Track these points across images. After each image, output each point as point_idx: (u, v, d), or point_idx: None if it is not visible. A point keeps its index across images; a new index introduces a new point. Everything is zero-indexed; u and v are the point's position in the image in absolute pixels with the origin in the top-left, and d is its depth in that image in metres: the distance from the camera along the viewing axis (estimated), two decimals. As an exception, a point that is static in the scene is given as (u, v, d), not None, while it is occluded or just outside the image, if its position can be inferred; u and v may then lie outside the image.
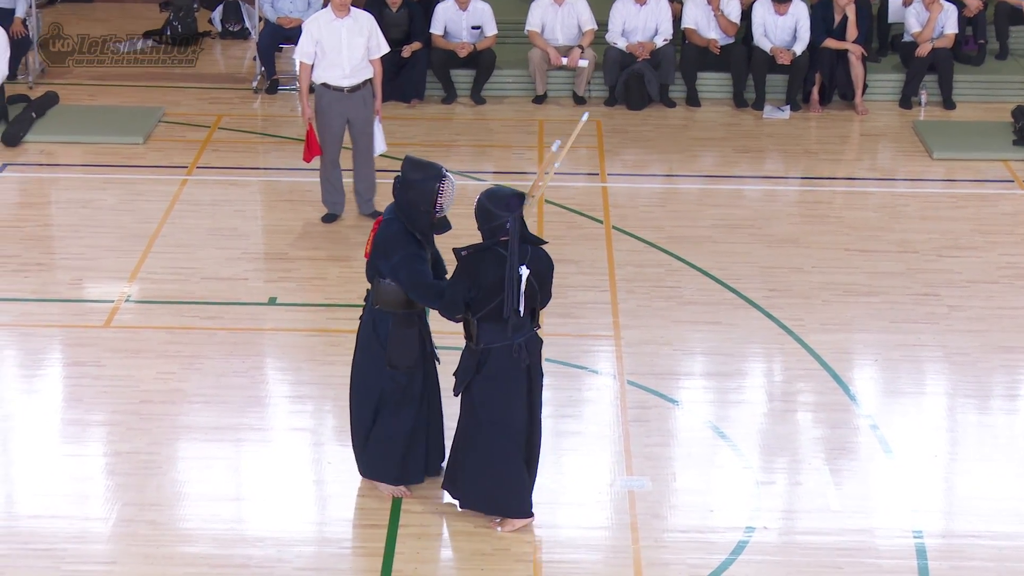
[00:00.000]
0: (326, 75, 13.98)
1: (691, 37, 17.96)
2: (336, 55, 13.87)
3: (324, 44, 13.87)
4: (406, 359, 9.94)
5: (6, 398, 11.62)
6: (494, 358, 9.54)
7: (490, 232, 9.38)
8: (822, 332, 12.57)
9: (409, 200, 9.73)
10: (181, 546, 9.75)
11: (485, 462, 9.76)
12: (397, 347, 9.92)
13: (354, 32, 13.88)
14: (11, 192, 15.30)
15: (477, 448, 9.75)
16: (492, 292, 9.35)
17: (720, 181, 15.82)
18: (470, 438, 9.76)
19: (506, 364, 9.56)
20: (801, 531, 10.05)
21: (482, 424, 9.68)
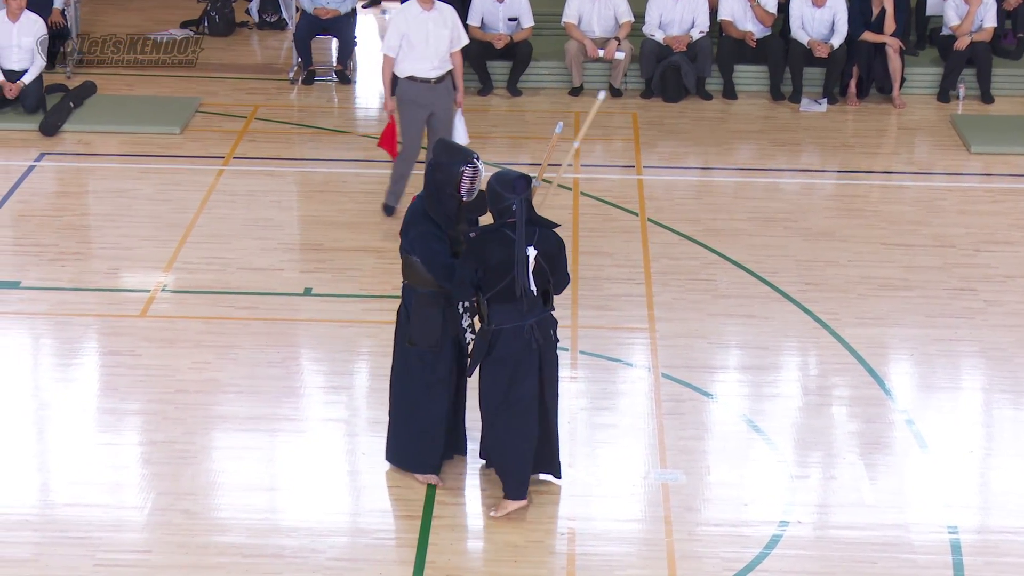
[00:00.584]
0: (413, 68, 13.85)
1: (728, 29, 17.92)
2: (423, 47, 13.76)
3: (411, 37, 13.75)
4: (427, 338, 10.00)
5: (42, 387, 11.67)
6: (504, 338, 9.63)
7: (499, 214, 9.52)
8: (858, 326, 12.54)
9: (436, 181, 9.85)
10: (215, 535, 9.78)
11: (497, 441, 9.93)
12: (418, 325, 10.01)
13: (439, 24, 13.81)
14: (49, 181, 15.35)
15: (497, 431, 9.90)
16: (499, 273, 9.45)
17: (756, 174, 15.79)
18: (489, 420, 9.91)
19: (517, 345, 9.65)
20: (835, 526, 10.03)
21: (494, 404, 9.79)
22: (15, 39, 16.76)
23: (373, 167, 15.69)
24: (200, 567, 9.48)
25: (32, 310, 12.65)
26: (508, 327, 9.61)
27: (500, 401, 9.79)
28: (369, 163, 15.80)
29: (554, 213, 14.40)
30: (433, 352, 10.02)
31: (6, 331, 12.39)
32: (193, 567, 9.46)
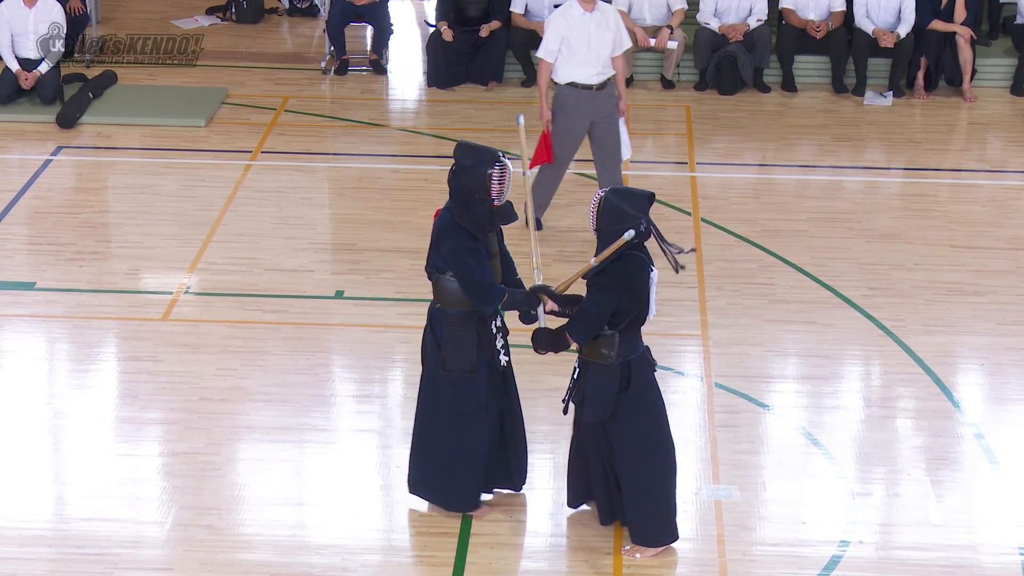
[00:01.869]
0: (573, 73, 13.63)
1: (788, 17, 17.90)
2: (585, 52, 13.55)
3: (571, 40, 13.54)
4: (462, 362, 9.86)
5: (58, 394, 11.74)
6: (636, 370, 9.45)
7: (615, 233, 9.22)
8: (924, 334, 12.53)
9: (463, 188, 9.76)
10: (240, 552, 9.82)
11: (648, 489, 9.64)
12: (451, 349, 9.86)
13: (601, 27, 13.57)
14: (66, 176, 15.43)
15: (636, 471, 9.58)
16: (639, 298, 9.30)
17: (817, 172, 15.77)
18: (628, 463, 9.58)
19: (647, 373, 9.54)
20: (899, 546, 10.02)
21: (641, 448, 9.55)
22: (31, 26, 16.86)
23: (409, 163, 15.73)
24: (224, 586, 9.55)
25: (48, 312, 12.73)
26: (635, 357, 9.47)
27: (650, 441, 9.56)
28: (405, 158, 15.84)
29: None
30: (468, 377, 9.90)
31: (21, 334, 12.47)
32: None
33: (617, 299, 9.24)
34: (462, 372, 9.87)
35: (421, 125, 16.85)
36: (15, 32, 16.83)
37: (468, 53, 17.89)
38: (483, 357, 9.91)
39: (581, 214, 14.52)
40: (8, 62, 16.79)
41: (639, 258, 9.33)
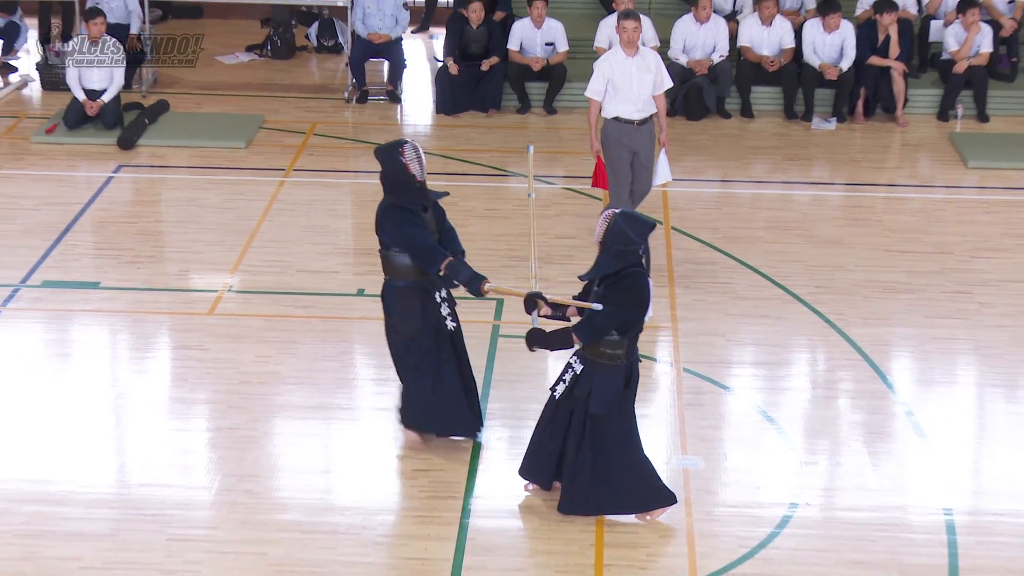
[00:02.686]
0: (617, 109, 13.37)
1: (746, 54, 17.94)
2: (627, 91, 13.30)
3: (615, 81, 13.31)
4: (409, 327, 10.18)
5: (119, 378, 11.76)
6: (634, 370, 9.53)
7: (617, 254, 9.17)
8: (863, 326, 12.56)
9: (390, 177, 10.02)
10: (276, 513, 9.86)
11: (632, 465, 9.70)
12: (400, 315, 10.18)
13: (643, 69, 13.32)
14: (125, 191, 15.46)
15: (624, 454, 9.65)
16: (645, 310, 9.36)
17: (771, 186, 15.79)
18: (618, 448, 9.61)
19: (637, 373, 9.60)
20: (840, 507, 10.07)
21: (631, 435, 9.65)
22: (96, 60, 16.85)
23: (420, 179, 15.73)
24: (262, 542, 9.56)
25: (110, 308, 12.75)
26: (635, 358, 9.52)
27: (632, 431, 9.66)
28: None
29: (584, 221, 14.49)
30: (416, 339, 10.17)
31: (87, 327, 12.50)
32: (256, 542, 9.54)
33: (626, 313, 9.22)
34: (409, 336, 10.16)
35: (431, 146, 16.86)
36: (81, 68, 16.83)
37: (471, 84, 17.91)
38: (428, 322, 10.15)
39: (567, 223, 14.56)
40: (76, 93, 16.81)
41: (641, 275, 9.28)
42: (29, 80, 18.76)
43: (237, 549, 9.48)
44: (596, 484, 9.65)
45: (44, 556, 9.38)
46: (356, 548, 9.51)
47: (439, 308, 10.23)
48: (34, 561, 9.33)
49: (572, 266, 13.51)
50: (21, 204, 14.93)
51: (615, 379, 9.41)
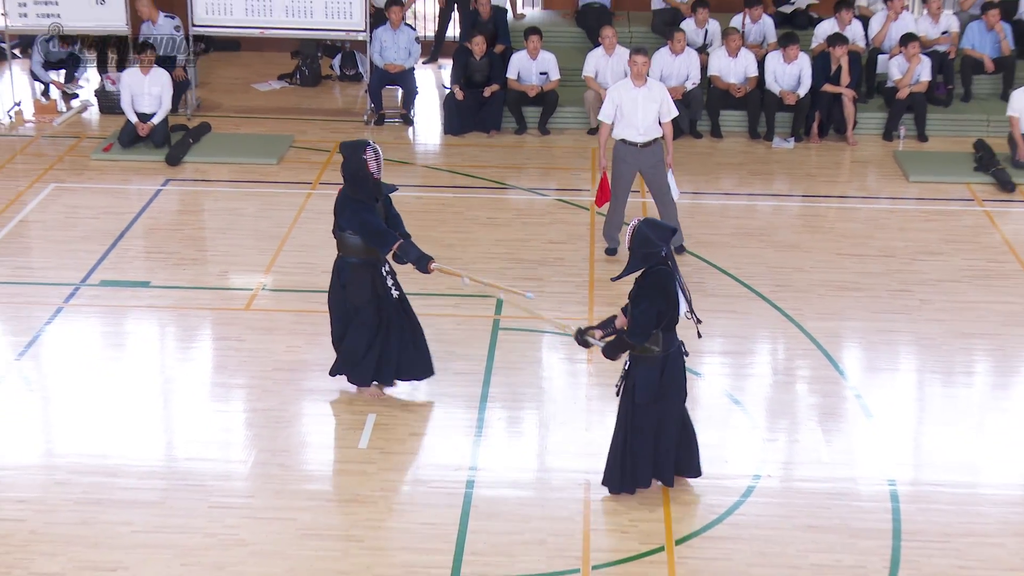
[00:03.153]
0: (624, 132, 13.45)
1: (715, 82, 17.93)
2: (632, 117, 13.37)
3: (623, 107, 13.38)
4: (360, 297, 10.56)
5: (167, 366, 11.76)
6: (671, 361, 9.37)
7: (643, 256, 9.15)
8: (818, 320, 12.55)
9: (350, 172, 10.35)
10: (304, 484, 9.87)
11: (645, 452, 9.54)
12: (353, 287, 10.56)
13: (648, 99, 13.37)
14: (172, 202, 15.45)
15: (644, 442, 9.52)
16: (674, 302, 9.20)
17: (737, 198, 15.78)
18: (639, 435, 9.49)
19: (678, 364, 9.43)
20: (798, 479, 10.07)
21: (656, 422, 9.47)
22: (146, 88, 16.88)
23: (430, 191, 15.73)
24: (292, 509, 9.56)
25: (160, 304, 12.75)
26: (673, 350, 9.38)
27: (659, 420, 9.46)
28: (427, 188, 15.85)
29: (574, 228, 14.49)
30: (365, 307, 10.57)
31: (139, 321, 12.49)
32: (287, 509, 9.55)
33: (658, 305, 9.12)
34: (360, 304, 10.57)
35: (439, 163, 16.85)
36: (134, 94, 16.86)
37: (474, 108, 17.90)
38: (376, 293, 10.57)
39: (558, 229, 14.54)
40: (129, 116, 16.81)
41: (665, 271, 9.18)
42: (89, 105, 18.75)
43: (270, 515, 9.48)
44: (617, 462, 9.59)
45: (101, 521, 9.39)
46: (374, 514, 9.51)
47: (385, 280, 10.63)
48: (92, 526, 9.34)
49: (562, 267, 13.52)
50: (81, 213, 14.93)
51: (653, 371, 9.30)
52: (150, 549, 9.10)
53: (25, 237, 14.33)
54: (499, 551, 9.15)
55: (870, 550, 9.21)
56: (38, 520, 9.39)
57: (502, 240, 14.25)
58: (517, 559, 9.07)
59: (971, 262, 13.91)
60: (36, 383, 11.36)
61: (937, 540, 9.30)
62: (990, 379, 11.74)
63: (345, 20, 18.14)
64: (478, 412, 10.85)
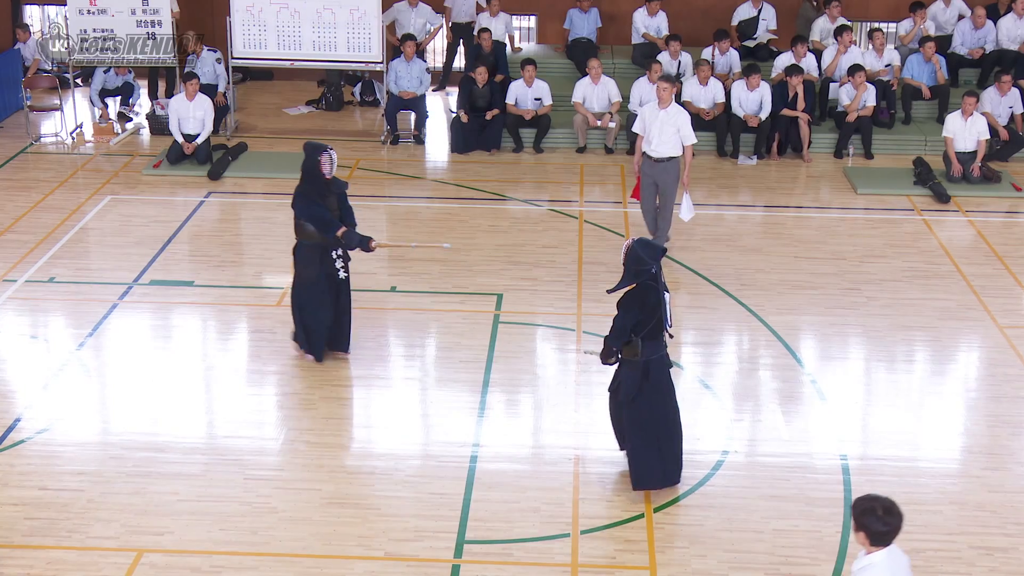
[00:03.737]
0: (645, 147, 13.62)
1: (688, 107, 17.79)
2: (650, 134, 13.54)
3: (647, 125, 13.55)
4: (308, 273, 10.93)
5: (209, 354, 11.68)
6: (654, 367, 9.16)
7: (635, 273, 8.99)
8: (778, 315, 12.47)
9: (306, 169, 10.81)
10: (328, 459, 9.79)
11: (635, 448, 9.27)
12: (302, 265, 10.98)
13: (666, 122, 13.45)
14: (214, 212, 15.37)
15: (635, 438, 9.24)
16: (652, 313, 8.99)
17: (707, 208, 15.69)
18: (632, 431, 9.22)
19: (663, 371, 9.22)
20: (761, 454, 9.99)
21: (643, 422, 9.18)
22: (191, 112, 16.80)
23: (440, 203, 15.66)
24: (318, 480, 9.49)
25: (202, 301, 12.67)
26: (655, 358, 9.15)
27: (644, 420, 9.16)
28: (437, 199, 15.78)
29: (564, 235, 14.41)
30: (313, 283, 10.89)
31: (185, 316, 12.41)
32: (313, 480, 9.48)
33: (634, 314, 8.96)
34: (308, 281, 10.94)
35: (447, 178, 16.78)
36: (180, 117, 16.78)
37: (478, 130, 17.82)
38: (324, 272, 10.91)
39: (551, 236, 14.46)
40: (176, 137, 16.73)
41: (651, 286, 8.99)
42: (141, 127, 18.65)
43: (298, 487, 9.41)
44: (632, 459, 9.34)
45: (150, 491, 9.32)
46: (390, 486, 9.44)
47: (334, 263, 10.94)
48: (143, 495, 9.27)
49: (555, 269, 13.44)
50: (134, 221, 14.85)
51: (634, 374, 9.13)
52: (193, 516, 9.03)
53: (85, 242, 14.26)
54: (499, 518, 9.08)
55: (825, 517, 9.13)
56: (95, 490, 9.32)
57: (502, 245, 14.16)
58: (515, 525, 8.99)
59: (911, 264, 13.82)
60: (94, 370, 11.28)
61: (883, 508, 9.21)
62: (928, 366, 11.65)
63: (365, 53, 18.06)
64: (480, 395, 10.76)
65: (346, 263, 11.07)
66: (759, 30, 19.58)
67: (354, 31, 17.97)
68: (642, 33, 19.44)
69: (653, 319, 9.01)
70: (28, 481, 9.43)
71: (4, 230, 14.48)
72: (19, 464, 9.66)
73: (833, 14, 19.11)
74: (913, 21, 19.21)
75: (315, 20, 17.92)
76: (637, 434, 9.22)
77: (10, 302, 12.56)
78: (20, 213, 15.03)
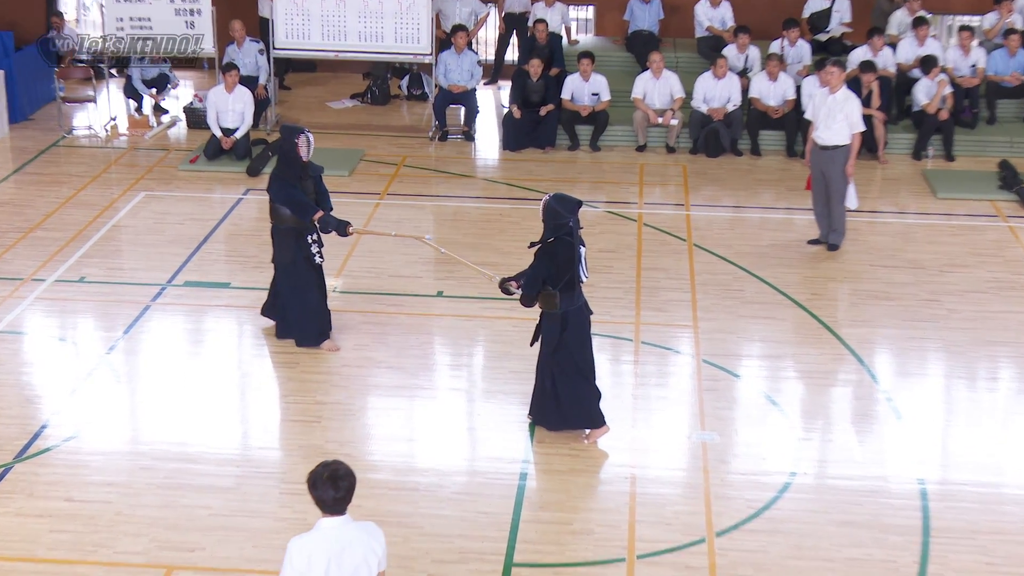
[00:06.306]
0: (815, 133, 13.79)
1: (755, 104, 17.69)
2: (817, 119, 13.74)
3: (816, 109, 13.77)
4: (284, 257, 11.28)
5: (245, 360, 11.67)
6: (572, 318, 9.75)
7: (555, 227, 9.56)
8: (851, 327, 12.29)
9: (284, 151, 11.05)
10: (369, 473, 9.71)
11: (574, 393, 9.94)
12: (279, 249, 11.32)
13: (834, 108, 13.61)
14: (252, 210, 15.38)
15: (569, 384, 9.91)
16: (565, 268, 9.57)
17: (775, 211, 15.54)
18: (563, 379, 9.90)
19: (580, 320, 9.81)
20: (831, 476, 9.83)
21: (572, 367, 9.85)
22: (230, 105, 16.86)
23: (489, 203, 15.61)
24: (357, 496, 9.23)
25: (239, 304, 12.66)
26: (572, 309, 9.74)
27: (573, 365, 9.84)
28: (487, 199, 15.72)
29: (622, 239, 14.31)
30: (290, 267, 11.21)
31: (220, 319, 12.42)
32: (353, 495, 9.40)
33: (544, 266, 9.58)
34: (285, 264, 11.28)
35: (498, 176, 16.73)
36: (219, 110, 16.83)
37: (531, 126, 17.76)
38: (300, 255, 11.21)
39: (608, 239, 14.36)
40: (214, 131, 16.79)
41: (566, 240, 9.57)
42: (177, 120, 18.74)
43: (337, 502, 9.33)
44: (548, 405, 10.02)
45: (182, 504, 9.29)
46: (434, 503, 9.36)
47: (310, 247, 11.23)
48: (173, 508, 9.24)
49: (612, 275, 13.33)
50: (168, 219, 14.90)
51: (553, 325, 9.75)
52: (225, 531, 8.99)
53: (117, 241, 14.31)
54: (550, 540, 8.97)
55: (900, 545, 8.95)
56: (123, 503, 9.31)
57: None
58: (567, 548, 8.88)
59: (995, 274, 13.59)
60: (124, 375, 11.29)
61: (964, 537, 9.03)
62: (1013, 384, 11.43)
63: (413, 44, 18.06)
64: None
65: (321, 248, 11.34)
66: (832, 23, 19.38)
67: (402, 22, 17.97)
68: (706, 26, 19.30)
69: (567, 273, 9.60)
70: (54, 491, 9.43)
71: (34, 227, 14.57)
72: (44, 473, 9.67)
73: (913, 7, 18.89)
74: (999, 14, 18.93)
75: (361, 10, 17.93)
76: (568, 380, 9.86)
77: (38, 302, 12.62)
78: (51, 209, 15.12)
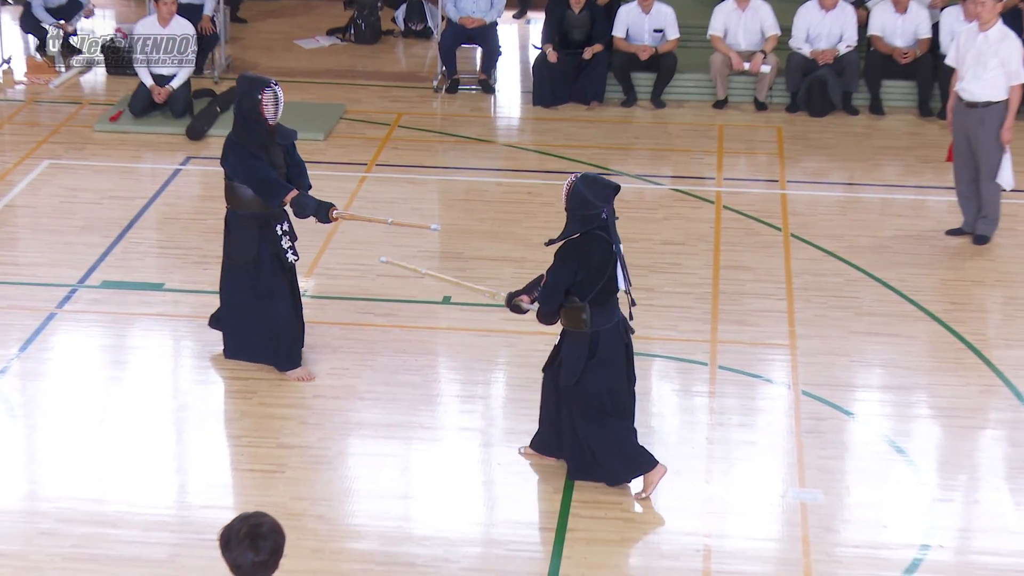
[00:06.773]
0: (957, 85, 13.68)
1: (877, 44, 17.70)
2: (963, 68, 13.59)
3: (961, 52, 13.60)
4: (245, 254, 11.15)
5: (182, 389, 11.74)
6: (604, 340, 9.71)
7: (583, 219, 9.53)
8: (1005, 347, 12.30)
9: (243, 111, 10.87)
10: (349, 542, 9.76)
11: (604, 437, 9.98)
12: (237, 242, 11.19)
13: (985, 51, 13.45)
14: (193, 185, 15.47)
15: (594, 427, 9.93)
16: (597, 273, 9.53)
17: (903, 191, 15.56)
18: (586, 423, 9.93)
19: (614, 343, 9.78)
20: (978, 551, 9.81)
21: (596, 406, 9.87)
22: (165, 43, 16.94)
23: (514, 176, 15.67)
24: (333, 573, 9.47)
25: (175, 312, 12.75)
26: (605, 328, 9.72)
27: (598, 404, 9.88)
28: (510, 172, 15.78)
29: (694, 226, 14.34)
30: (252, 266, 11.15)
31: (149, 332, 12.50)
32: (326, 572, 9.46)
33: (570, 270, 9.54)
34: (244, 262, 11.18)
35: (525, 142, 16.79)
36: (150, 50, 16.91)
37: (571, 74, 17.82)
38: (266, 252, 11.14)
39: (674, 227, 14.40)
40: (143, 78, 16.87)
41: (599, 236, 9.53)
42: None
43: (305, 581, 9.41)
44: (582, 453, 10.07)
45: (95, 583, 9.36)
46: (437, 584, 9.41)
47: (280, 240, 11.20)
48: (84, 588, 9.31)
49: (678, 274, 13.38)
50: (81, 198, 15.01)
51: (579, 349, 9.72)
52: (155, 620, 9.06)
53: (11, 226, 14.42)
54: (593, 634, 9.03)
55: (1070, 645, 8.98)
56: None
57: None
58: (616, 645, 8.94)
59: None
60: (20, 408, 11.37)
61: None
62: None
63: (412, -38, 18.15)
64: (570, 456, 10.71)
65: (294, 241, 11.34)
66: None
67: (397, -70, 18.06)
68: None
69: (600, 280, 9.54)
70: (-77, 564, 9.53)
71: (-101, 207, 14.71)
72: (-89, 539, 9.76)
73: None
74: None
75: (342, -86, 18.02)
76: (591, 423, 9.88)
77: (-96, 309, 12.74)
78: (-78, 183, 15.27)
